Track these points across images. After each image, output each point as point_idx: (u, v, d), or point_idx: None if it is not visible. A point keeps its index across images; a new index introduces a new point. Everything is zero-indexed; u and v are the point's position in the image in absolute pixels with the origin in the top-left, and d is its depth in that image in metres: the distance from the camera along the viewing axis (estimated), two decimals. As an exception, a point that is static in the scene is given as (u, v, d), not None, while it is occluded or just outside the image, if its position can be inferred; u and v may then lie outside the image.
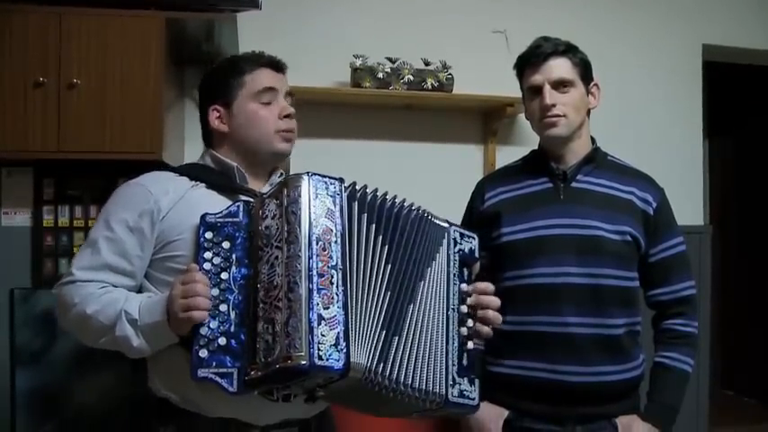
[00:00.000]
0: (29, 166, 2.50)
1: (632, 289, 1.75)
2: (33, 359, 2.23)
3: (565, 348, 1.67)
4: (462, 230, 1.50)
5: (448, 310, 1.41)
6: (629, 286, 1.73)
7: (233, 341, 1.25)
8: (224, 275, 1.28)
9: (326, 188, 1.29)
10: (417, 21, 2.98)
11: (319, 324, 1.18)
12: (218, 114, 1.52)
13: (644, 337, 1.80)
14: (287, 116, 1.52)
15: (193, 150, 2.75)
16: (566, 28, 3.06)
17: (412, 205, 1.44)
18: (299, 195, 1.26)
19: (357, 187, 1.36)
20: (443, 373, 1.36)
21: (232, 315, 1.26)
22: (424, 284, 1.39)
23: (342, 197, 1.30)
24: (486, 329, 1.46)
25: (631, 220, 1.72)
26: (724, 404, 4.18)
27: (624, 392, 1.74)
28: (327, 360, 1.16)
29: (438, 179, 2.94)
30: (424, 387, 1.33)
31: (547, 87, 1.72)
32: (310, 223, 1.24)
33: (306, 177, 1.28)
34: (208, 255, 1.30)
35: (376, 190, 1.39)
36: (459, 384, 1.38)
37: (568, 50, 1.76)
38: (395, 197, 1.41)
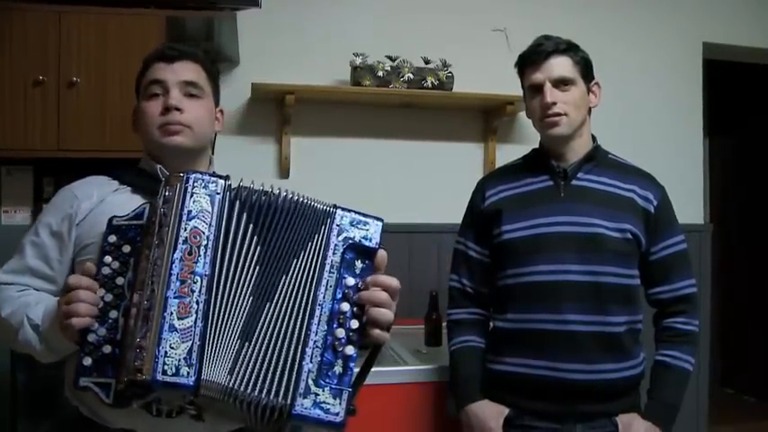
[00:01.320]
0: (29, 165, 2.49)
1: (633, 287, 1.74)
2: (33, 358, 2.23)
3: (566, 346, 1.66)
4: (356, 216, 1.25)
5: (314, 305, 1.19)
6: (629, 284, 1.73)
7: (117, 350, 1.16)
8: (119, 281, 1.20)
9: (205, 187, 1.20)
10: (417, 19, 2.98)
11: (171, 334, 1.10)
12: (134, 117, 1.48)
13: (644, 335, 1.80)
14: (167, 109, 1.39)
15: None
16: (566, 26, 3.07)
17: (294, 195, 1.25)
18: (173, 195, 1.19)
19: (243, 185, 1.24)
20: (291, 379, 1.16)
21: (121, 322, 1.18)
22: (285, 278, 1.21)
23: (221, 196, 1.20)
24: (375, 332, 1.22)
25: (632, 218, 1.72)
26: (724, 402, 4.18)
27: (625, 390, 1.73)
28: (174, 375, 1.08)
29: (438, 177, 2.95)
30: (263, 397, 1.15)
31: (548, 86, 1.72)
32: (179, 225, 1.16)
33: (182, 176, 1.20)
34: (108, 259, 1.22)
35: (263, 186, 1.25)
36: (316, 395, 1.16)
37: (569, 49, 1.76)
38: (281, 190, 1.25)
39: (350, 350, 1.19)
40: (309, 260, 1.22)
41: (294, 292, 1.21)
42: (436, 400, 2.11)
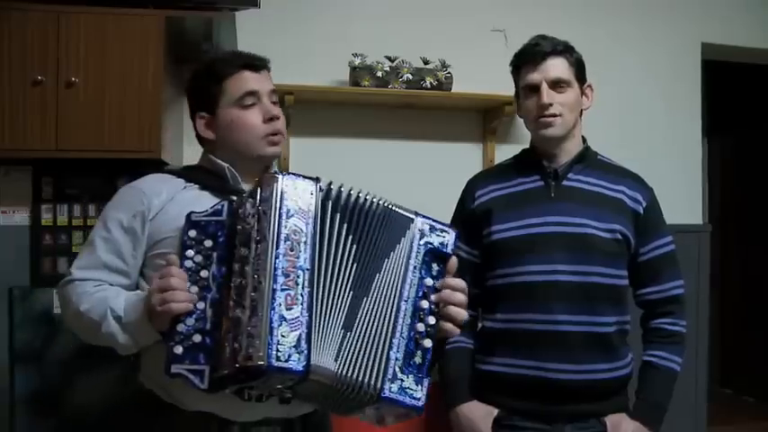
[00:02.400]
0: (27, 165, 2.50)
1: (622, 287, 1.76)
2: (32, 358, 2.23)
3: (555, 346, 1.67)
4: (434, 223, 1.40)
5: (400, 302, 1.32)
6: (618, 284, 1.74)
7: (207, 339, 1.24)
8: (203, 273, 1.29)
9: (301, 188, 1.28)
10: (416, 19, 2.98)
11: (280, 324, 1.17)
12: (204, 122, 1.52)
13: (632, 336, 1.81)
14: (271, 119, 1.50)
15: (193, 149, 2.72)
16: (565, 27, 3.06)
17: (381, 200, 1.38)
18: (271, 194, 1.25)
19: (333, 187, 1.34)
20: (381, 365, 1.28)
21: (209, 313, 1.26)
22: (378, 276, 1.33)
23: (315, 197, 1.29)
24: (449, 326, 1.36)
25: (621, 219, 1.73)
26: (723, 403, 4.18)
27: (613, 391, 1.74)
28: (287, 361, 1.15)
29: (437, 178, 2.94)
30: (358, 378, 1.26)
31: (544, 86, 1.72)
32: (279, 222, 1.23)
33: (279, 177, 1.28)
34: (190, 253, 1.30)
35: (351, 189, 1.36)
36: (401, 381, 1.29)
37: (566, 50, 1.76)
38: (368, 194, 1.37)
39: (428, 343, 1.33)
40: (398, 260, 1.36)
41: (386, 289, 1.33)
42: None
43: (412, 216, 1.40)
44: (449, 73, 2.84)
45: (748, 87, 4.37)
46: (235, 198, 1.38)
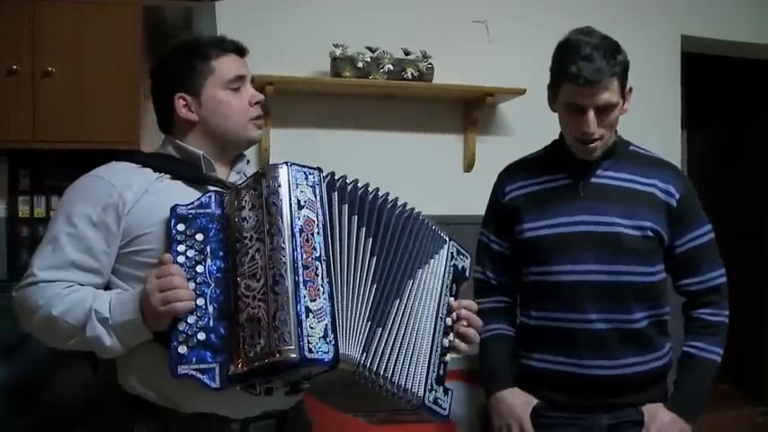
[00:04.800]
0: (3, 156, 2.46)
1: (653, 283, 1.73)
2: (10, 351, 2.21)
3: (590, 344, 1.68)
4: (459, 247, 1.51)
5: (437, 319, 1.40)
6: (650, 281, 1.72)
7: (212, 336, 1.22)
8: (199, 268, 1.25)
9: (306, 178, 1.26)
10: (397, 10, 2.97)
11: (307, 317, 1.16)
12: (184, 103, 1.44)
13: (672, 324, 1.81)
14: (257, 103, 1.49)
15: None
16: (544, 18, 3.08)
17: (396, 201, 1.43)
18: (279, 186, 1.23)
19: (335, 177, 1.33)
20: (424, 376, 1.34)
21: (210, 309, 1.23)
22: (413, 283, 1.37)
23: (321, 187, 1.28)
24: (464, 346, 1.45)
25: (652, 215, 1.70)
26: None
27: (650, 382, 1.75)
28: (317, 353, 1.14)
29: (418, 169, 2.95)
30: (403, 383, 1.30)
31: (591, 115, 1.62)
32: (292, 214, 1.21)
33: (285, 167, 1.25)
34: (181, 248, 1.25)
35: (356, 181, 1.36)
36: (435, 392, 1.36)
37: (616, 66, 1.61)
38: (377, 189, 1.39)
39: (447, 358, 1.41)
40: (434, 276, 1.43)
41: (423, 300, 1.39)
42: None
43: (446, 237, 1.49)
44: (430, 64, 2.84)
45: (728, 80, 4.41)
46: (214, 189, 1.36)
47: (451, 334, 1.43)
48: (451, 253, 1.48)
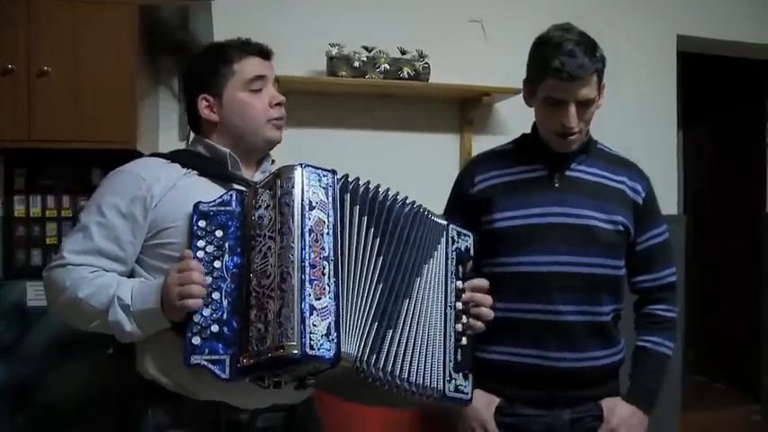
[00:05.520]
0: (-1, 155, 2.46)
1: (621, 277, 1.78)
2: (6, 350, 2.21)
3: (556, 335, 1.69)
4: (459, 229, 1.54)
5: (446, 308, 1.45)
6: (618, 275, 1.76)
7: (225, 329, 1.27)
8: (217, 264, 1.31)
9: (319, 180, 1.30)
10: (394, 9, 2.97)
11: (311, 314, 1.20)
12: (207, 103, 1.51)
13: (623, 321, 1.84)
14: (278, 104, 1.53)
15: (168, 139, 2.73)
16: (540, 18, 3.07)
17: (406, 199, 1.46)
18: (293, 186, 1.27)
19: (350, 179, 1.37)
20: (441, 368, 1.40)
21: (224, 303, 1.29)
22: (420, 281, 1.41)
23: (334, 189, 1.32)
24: (479, 324, 1.50)
25: (623, 210, 1.74)
26: (696, 390, 4.24)
27: (609, 375, 1.78)
28: (319, 350, 1.19)
29: (414, 168, 2.95)
30: (421, 382, 1.36)
31: (573, 109, 1.65)
32: (303, 215, 1.25)
33: (299, 168, 1.29)
34: (201, 243, 1.32)
35: (368, 183, 1.40)
36: (455, 380, 1.42)
37: (598, 61, 1.67)
38: (387, 190, 1.43)
39: (465, 341, 1.46)
40: (438, 267, 1.46)
41: (432, 294, 1.43)
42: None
43: (444, 223, 1.51)
44: (426, 63, 2.84)
45: (723, 79, 4.42)
46: (240, 188, 1.40)
47: (464, 316, 1.47)
48: (452, 237, 1.51)
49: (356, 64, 2.76)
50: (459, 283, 1.49)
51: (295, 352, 1.18)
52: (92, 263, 1.39)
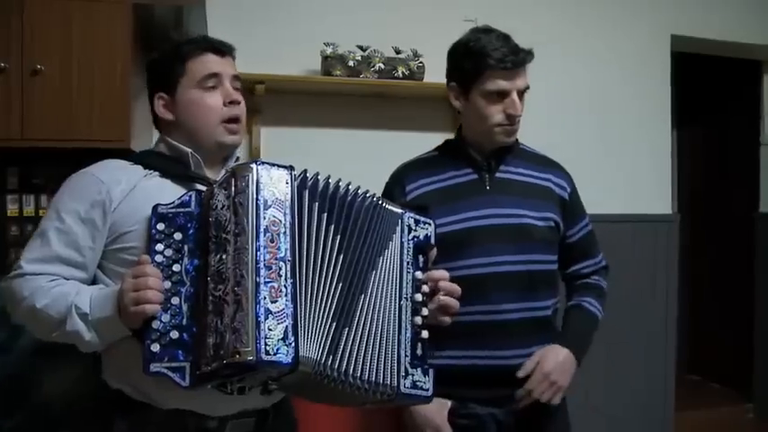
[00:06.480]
0: (-8, 154, 2.45)
1: (555, 271, 1.84)
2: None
3: (501, 334, 1.71)
4: (417, 216, 1.46)
5: (401, 300, 1.38)
6: (553, 269, 1.82)
7: (185, 335, 1.22)
8: (176, 267, 1.26)
9: (277, 177, 1.26)
10: (388, 9, 2.97)
11: (267, 318, 1.16)
12: (163, 102, 1.47)
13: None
14: (231, 102, 1.46)
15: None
16: (535, 17, 3.09)
17: (366, 193, 1.40)
18: (247, 185, 1.23)
19: (308, 175, 1.32)
20: (395, 364, 1.34)
21: (184, 308, 1.24)
22: (375, 274, 1.36)
23: (292, 186, 1.27)
24: (445, 319, 1.46)
25: (552, 207, 1.79)
26: (690, 389, 4.25)
27: None
28: (275, 355, 1.15)
29: (409, 168, 2.94)
30: (374, 379, 1.31)
31: (515, 96, 1.71)
32: (258, 214, 1.21)
33: (254, 167, 1.24)
34: (159, 247, 1.27)
35: (328, 177, 1.35)
36: (413, 375, 1.36)
37: (530, 54, 1.75)
38: (348, 184, 1.38)
39: (425, 334, 1.39)
40: (393, 258, 1.39)
41: (385, 288, 1.37)
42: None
43: (400, 211, 1.44)
44: (421, 62, 2.84)
45: (717, 79, 4.43)
46: (201, 188, 1.36)
47: (424, 309, 1.41)
48: (408, 226, 1.44)
49: (351, 63, 2.76)
50: (419, 274, 1.42)
51: (250, 358, 1.14)
52: (50, 271, 1.33)
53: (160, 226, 1.28)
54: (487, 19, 3.05)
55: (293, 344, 1.17)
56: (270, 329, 1.16)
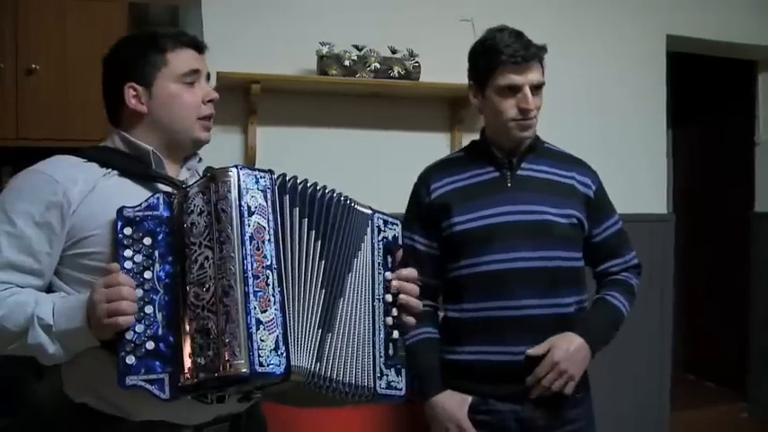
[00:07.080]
0: (-13, 154, 2.44)
1: (580, 268, 1.83)
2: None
3: (522, 330, 1.71)
4: (386, 217, 1.44)
5: (374, 301, 1.37)
6: (576, 266, 1.81)
7: (161, 345, 1.18)
8: (147, 274, 1.20)
9: (257, 182, 1.21)
10: (384, 8, 2.97)
11: (258, 329, 1.13)
12: (134, 93, 1.37)
13: None
14: (210, 101, 1.42)
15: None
16: (531, 17, 3.08)
17: (339, 194, 1.37)
18: (229, 191, 1.18)
19: (288, 179, 1.28)
20: (371, 365, 1.33)
21: (158, 317, 1.19)
22: (351, 276, 1.35)
23: (273, 191, 1.23)
24: (410, 319, 1.42)
25: (575, 204, 1.79)
26: (686, 388, 4.26)
27: None
28: (268, 366, 1.12)
29: (404, 167, 2.92)
30: (354, 382, 1.30)
31: (528, 90, 1.72)
32: (242, 221, 1.17)
33: (234, 171, 1.19)
34: (128, 252, 1.20)
35: (306, 181, 1.32)
36: (387, 376, 1.36)
37: (542, 50, 1.77)
38: (324, 187, 1.35)
39: (396, 334, 1.39)
40: (365, 259, 1.38)
41: (360, 289, 1.36)
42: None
43: (369, 212, 1.42)
44: (417, 62, 2.84)
45: (713, 79, 4.44)
46: (164, 188, 1.32)
47: (394, 309, 1.39)
48: (378, 227, 1.42)
49: (347, 63, 2.76)
50: (388, 274, 1.41)
51: (244, 371, 1.11)
52: (3, 279, 1.24)
53: (127, 230, 1.22)
54: (484, 19, 3.05)
55: (285, 354, 1.15)
56: (262, 340, 1.13)
